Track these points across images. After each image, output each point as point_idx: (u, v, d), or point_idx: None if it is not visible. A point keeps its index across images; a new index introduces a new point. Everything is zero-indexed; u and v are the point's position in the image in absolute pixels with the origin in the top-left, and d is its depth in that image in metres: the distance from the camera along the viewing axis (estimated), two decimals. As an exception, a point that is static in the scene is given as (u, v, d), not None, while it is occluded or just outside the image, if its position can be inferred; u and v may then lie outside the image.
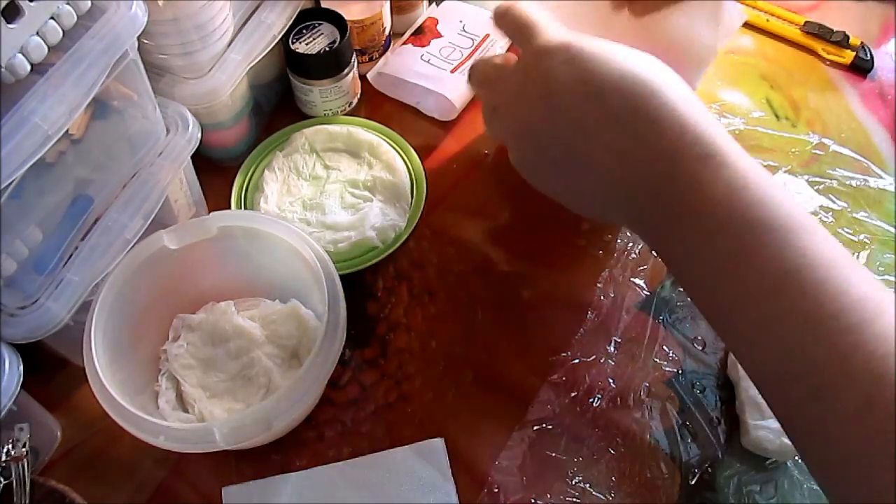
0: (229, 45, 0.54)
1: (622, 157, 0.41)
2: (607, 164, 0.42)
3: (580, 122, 0.42)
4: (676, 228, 0.40)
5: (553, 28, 0.45)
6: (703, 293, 0.41)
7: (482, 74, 0.50)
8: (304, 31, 0.60)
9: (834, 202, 0.61)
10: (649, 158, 0.40)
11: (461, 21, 0.69)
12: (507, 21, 0.48)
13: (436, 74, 0.65)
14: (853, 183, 0.62)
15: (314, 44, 0.60)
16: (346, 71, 0.61)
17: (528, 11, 0.46)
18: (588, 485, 0.48)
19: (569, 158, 0.43)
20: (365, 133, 0.61)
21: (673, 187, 0.40)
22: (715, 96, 0.67)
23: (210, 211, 0.49)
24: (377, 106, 0.66)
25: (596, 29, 0.46)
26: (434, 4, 0.71)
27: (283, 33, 0.57)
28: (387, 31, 0.66)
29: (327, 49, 0.59)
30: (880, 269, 0.57)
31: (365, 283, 0.56)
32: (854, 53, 0.69)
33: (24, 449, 0.42)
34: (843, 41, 0.69)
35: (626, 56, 0.42)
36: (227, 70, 0.53)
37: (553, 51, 0.43)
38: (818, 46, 0.70)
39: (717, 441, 0.50)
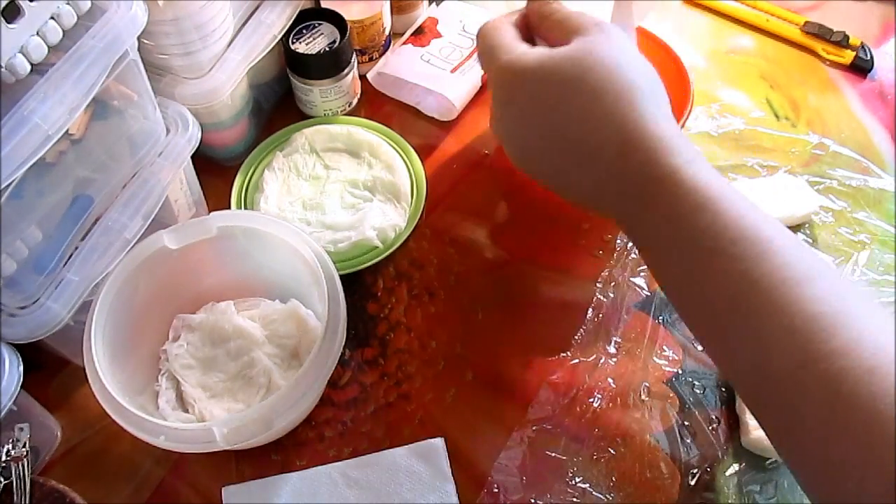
0: (229, 45, 0.54)
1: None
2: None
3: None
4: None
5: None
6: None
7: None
8: (304, 31, 0.60)
9: (834, 202, 0.61)
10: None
11: (461, 21, 0.69)
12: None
13: (436, 74, 0.65)
14: (853, 183, 0.62)
15: (314, 44, 0.60)
16: (346, 71, 0.61)
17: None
18: (588, 485, 0.48)
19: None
20: (365, 133, 0.61)
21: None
22: (715, 96, 0.67)
23: (210, 211, 0.49)
24: (377, 106, 0.66)
25: None
26: (434, 4, 0.71)
27: (282, 33, 0.57)
28: (387, 31, 0.66)
29: (327, 49, 0.59)
30: (880, 269, 0.57)
31: (365, 283, 0.56)
32: (854, 53, 0.69)
33: (24, 449, 0.42)
34: (843, 41, 0.69)
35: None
36: (227, 70, 0.53)
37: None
38: (818, 46, 0.70)
39: (717, 441, 0.50)
